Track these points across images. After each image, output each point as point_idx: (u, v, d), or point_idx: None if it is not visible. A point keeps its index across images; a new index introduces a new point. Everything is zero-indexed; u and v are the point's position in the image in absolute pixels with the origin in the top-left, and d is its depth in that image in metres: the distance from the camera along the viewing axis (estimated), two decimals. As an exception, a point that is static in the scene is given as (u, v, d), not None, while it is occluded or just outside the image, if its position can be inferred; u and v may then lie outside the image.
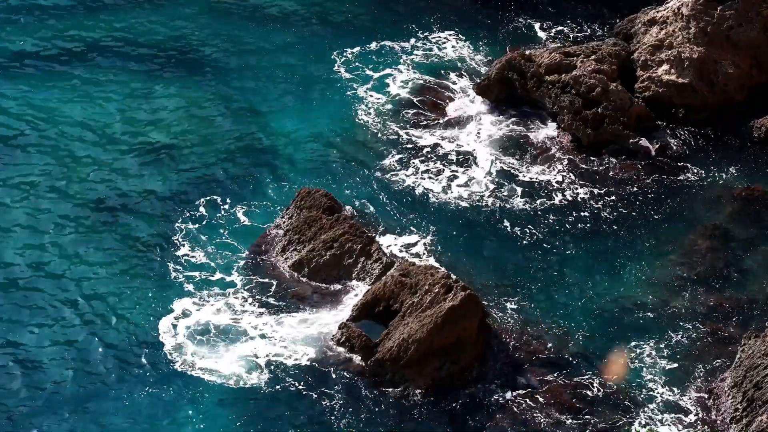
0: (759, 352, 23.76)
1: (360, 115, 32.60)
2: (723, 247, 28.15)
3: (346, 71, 34.55)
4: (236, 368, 24.69)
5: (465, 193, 29.91)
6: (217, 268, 27.18)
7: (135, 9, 37.26)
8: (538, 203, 29.57)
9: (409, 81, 34.11)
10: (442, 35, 36.29)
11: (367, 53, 35.39)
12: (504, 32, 36.48)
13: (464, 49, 35.65)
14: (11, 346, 25.10)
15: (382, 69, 34.65)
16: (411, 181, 30.24)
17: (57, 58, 34.83)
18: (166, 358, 24.84)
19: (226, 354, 25.02)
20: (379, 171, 30.52)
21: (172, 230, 28.30)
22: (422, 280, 25.40)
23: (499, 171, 30.68)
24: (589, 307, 26.53)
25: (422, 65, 34.84)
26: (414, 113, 32.73)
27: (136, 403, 23.95)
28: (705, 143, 31.59)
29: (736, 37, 32.25)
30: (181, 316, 25.85)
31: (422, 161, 30.94)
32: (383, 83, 33.99)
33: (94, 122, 32.09)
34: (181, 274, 26.98)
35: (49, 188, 29.55)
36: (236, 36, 36.25)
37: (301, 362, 24.91)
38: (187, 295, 26.42)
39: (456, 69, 34.70)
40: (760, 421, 22.48)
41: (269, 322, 25.82)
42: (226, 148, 31.36)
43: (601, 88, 31.50)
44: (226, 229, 28.40)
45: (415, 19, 37.00)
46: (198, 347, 25.16)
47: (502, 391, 24.36)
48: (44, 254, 27.50)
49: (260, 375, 24.59)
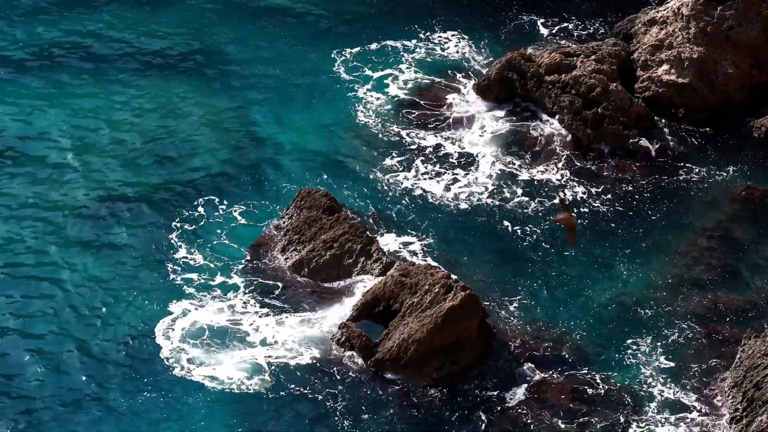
0: (759, 352, 23.76)
1: (360, 116, 32.59)
2: (723, 247, 28.14)
3: (346, 71, 34.54)
4: (236, 369, 24.67)
5: (465, 192, 29.89)
6: (217, 269, 27.16)
7: (133, 10, 37.28)
8: (538, 203, 29.57)
9: (410, 81, 34.11)
10: (443, 35, 36.28)
11: (368, 53, 35.38)
12: (505, 32, 36.48)
13: (465, 48, 35.64)
14: (10, 349, 25.12)
15: (383, 69, 34.64)
16: (411, 181, 30.23)
17: (57, 58, 34.87)
18: (165, 361, 24.80)
19: (227, 355, 25.00)
20: (379, 171, 30.51)
21: (171, 231, 28.27)
22: (422, 280, 25.39)
23: (499, 171, 30.67)
24: (588, 307, 26.52)
25: (423, 65, 34.83)
26: (414, 113, 32.71)
27: (135, 408, 23.86)
28: (705, 143, 31.58)
29: (736, 37, 32.24)
30: (180, 317, 25.82)
31: (423, 161, 30.92)
32: (384, 83, 33.98)
33: (93, 123, 32.09)
34: (181, 275, 26.95)
35: (47, 188, 29.57)
36: (237, 37, 36.25)
37: (302, 362, 24.90)
38: (187, 297, 26.40)
39: (456, 69, 34.69)
40: (760, 421, 22.47)
41: (269, 322, 25.80)
42: (225, 149, 31.34)
43: (601, 88, 31.50)
44: (225, 230, 28.38)
45: (416, 19, 37.00)
46: (198, 349, 25.14)
47: (502, 390, 24.35)
48: (43, 257, 27.50)
49: (260, 375, 24.57)
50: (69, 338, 25.40)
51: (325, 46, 35.72)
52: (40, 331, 25.58)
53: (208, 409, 23.85)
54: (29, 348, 25.16)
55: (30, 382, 24.39)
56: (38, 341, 25.33)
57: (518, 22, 36.97)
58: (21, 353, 25.02)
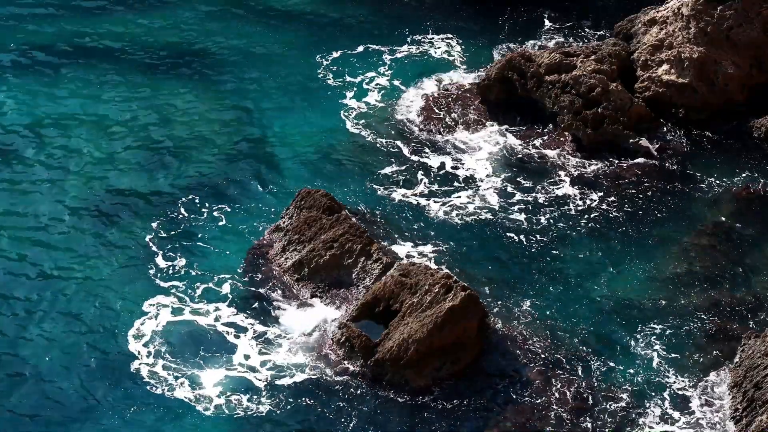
0: (759, 352, 23.77)
1: (360, 117, 32.62)
2: (723, 247, 28.14)
3: (346, 73, 34.58)
4: (235, 369, 24.69)
5: (464, 193, 29.90)
6: (217, 270, 27.16)
7: (129, 12, 37.34)
8: (538, 203, 29.57)
9: (409, 82, 34.13)
10: (443, 35, 36.30)
11: (367, 55, 35.41)
12: (504, 32, 36.49)
13: (464, 48, 35.66)
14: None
15: (383, 70, 34.66)
16: (410, 182, 30.24)
17: (56, 58, 34.89)
18: (164, 363, 24.81)
19: (226, 355, 25.01)
20: (378, 173, 30.52)
21: (169, 231, 28.27)
22: (422, 280, 25.40)
23: (499, 171, 30.68)
24: (588, 307, 26.52)
25: (422, 66, 34.87)
26: (413, 115, 32.71)
27: (127, 418, 23.71)
28: (705, 143, 31.59)
29: (736, 37, 32.23)
30: (180, 317, 25.85)
31: (421, 163, 30.93)
32: (383, 85, 34.00)
33: (91, 122, 32.13)
34: (180, 276, 26.97)
35: (46, 188, 29.59)
36: (237, 38, 36.31)
37: (301, 362, 24.90)
38: (186, 297, 26.41)
39: (456, 69, 34.70)
40: (760, 421, 22.47)
41: (269, 322, 25.81)
42: (225, 149, 31.37)
43: (601, 88, 31.51)
44: (224, 230, 28.40)
45: (414, 21, 37.06)
46: (197, 349, 25.16)
47: (503, 391, 24.35)
48: (35, 258, 27.49)
49: (259, 375, 24.58)
50: (54, 341, 25.19)
51: (326, 48, 35.73)
52: (24, 335, 25.37)
53: (208, 408, 23.89)
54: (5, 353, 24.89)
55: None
56: (21, 346, 25.10)
57: (518, 22, 36.99)
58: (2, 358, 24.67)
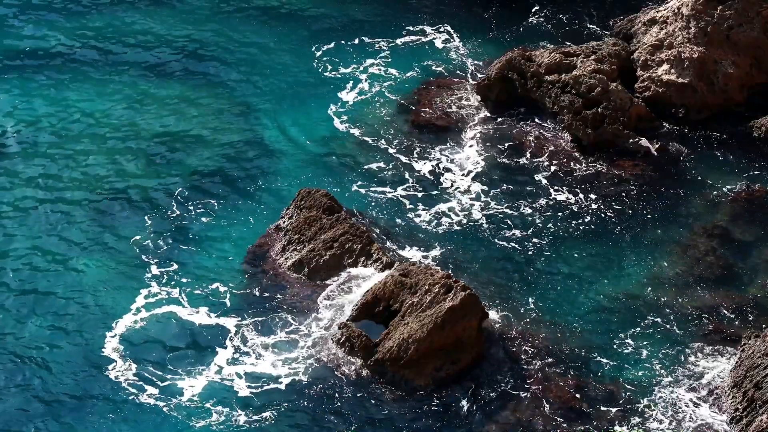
0: (759, 352, 23.76)
1: (360, 117, 32.60)
2: (723, 247, 28.14)
3: (345, 71, 34.55)
4: (235, 369, 24.68)
5: (463, 193, 29.89)
6: (216, 270, 27.16)
7: (128, 11, 37.31)
8: (538, 203, 29.56)
9: (409, 80, 34.12)
10: (443, 35, 36.26)
11: (366, 53, 35.38)
12: (504, 31, 36.47)
13: (464, 48, 35.64)
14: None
15: (382, 68, 34.62)
16: (410, 181, 30.22)
17: (56, 58, 34.88)
18: (163, 363, 24.81)
19: (225, 355, 25.00)
20: (377, 172, 30.50)
21: (167, 231, 28.25)
22: (422, 280, 25.40)
23: (498, 171, 30.68)
24: (588, 307, 26.53)
25: (422, 65, 34.81)
26: (413, 113, 32.71)
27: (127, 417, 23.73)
28: (705, 143, 31.58)
29: (736, 37, 32.24)
30: (178, 318, 25.84)
31: (421, 161, 30.92)
32: (383, 83, 33.96)
33: (90, 121, 32.10)
34: (179, 276, 26.96)
35: (44, 188, 29.59)
36: (236, 38, 36.24)
37: (301, 362, 24.89)
38: (186, 297, 26.40)
39: (456, 68, 34.70)
40: (760, 421, 22.47)
41: (269, 322, 25.81)
42: (224, 149, 31.34)
43: (601, 88, 31.51)
44: (224, 229, 28.40)
45: (414, 18, 37.00)
46: (196, 349, 25.16)
47: (503, 390, 24.35)
48: (32, 254, 27.51)
49: (258, 375, 24.57)
50: (48, 340, 25.18)
51: (325, 47, 35.70)
52: (17, 334, 25.35)
53: (207, 408, 23.89)
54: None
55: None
56: (15, 344, 25.05)
57: (518, 21, 36.97)
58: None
